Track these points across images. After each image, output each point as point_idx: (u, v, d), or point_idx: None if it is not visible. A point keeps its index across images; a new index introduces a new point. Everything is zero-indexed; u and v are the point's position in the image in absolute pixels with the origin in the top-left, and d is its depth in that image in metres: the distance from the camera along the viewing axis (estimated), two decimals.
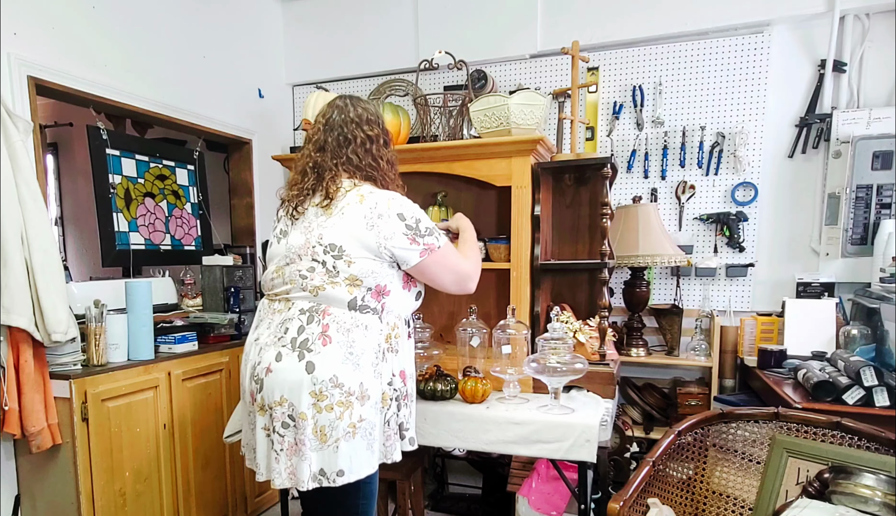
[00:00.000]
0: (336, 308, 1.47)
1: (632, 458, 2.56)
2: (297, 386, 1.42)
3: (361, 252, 1.46)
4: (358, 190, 1.52)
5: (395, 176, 1.65)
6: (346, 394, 1.43)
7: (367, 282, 1.48)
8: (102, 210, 2.60)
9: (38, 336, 1.89)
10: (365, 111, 1.59)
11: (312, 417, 1.42)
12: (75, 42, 2.29)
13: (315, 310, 1.48)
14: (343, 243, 1.46)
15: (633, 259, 2.52)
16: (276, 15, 3.42)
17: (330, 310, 1.47)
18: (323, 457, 1.43)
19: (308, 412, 1.42)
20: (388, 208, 1.48)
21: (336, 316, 1.46)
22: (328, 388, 1.42)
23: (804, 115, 2.58)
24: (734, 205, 2.70)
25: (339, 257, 1.46)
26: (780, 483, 1.56)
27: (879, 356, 2.12)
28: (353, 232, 1.46)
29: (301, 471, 1.42)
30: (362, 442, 1.45)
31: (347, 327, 1.46)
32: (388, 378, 1.53)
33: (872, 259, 2.37)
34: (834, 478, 1.40)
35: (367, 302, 1.49)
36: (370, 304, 1.49)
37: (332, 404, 1.42)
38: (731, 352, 2.61)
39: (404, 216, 1.49)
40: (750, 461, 1.69)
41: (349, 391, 1.44)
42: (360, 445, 1.45)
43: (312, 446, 1.42)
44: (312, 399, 1.42)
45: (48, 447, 1.91)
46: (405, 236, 1.48)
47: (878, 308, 2.18)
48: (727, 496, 1.68)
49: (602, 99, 2.88)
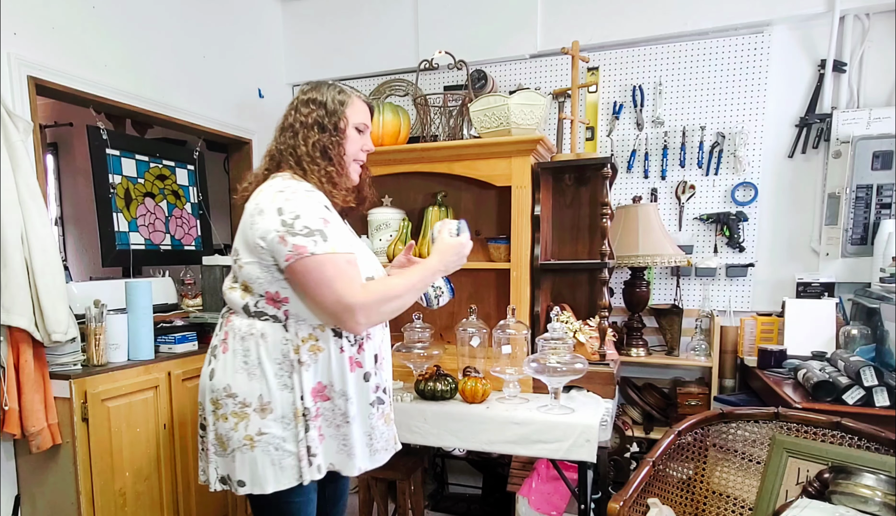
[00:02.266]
0: (235, 314, 1.40)
1: (632, 458, 2.56)
2: (203, 392, 1.43)
3: (247, 255, 1.36)
4: (268, 182, 1.40)
5: (327, 165, 1.41)
6: (241, 405, 1.35)
7: (255, 287, 1.36)
8: (102, 210, 2.60)
9: (38, 336, 1.89)
10: (312, 92, 1.44)
11: (213, 424, 1.40)
12: (75, 42, 2.29)
13: (223, 315, 1.45)
14: (236, 244, 1.40)
15: (633, 259, 2.52)
16: (276, 15, 3.42)
17: (231, 316, 1.41)
18: (224, 464, 1.40)
19: (209, 419, 1.40)
20: (271, 203, 1.31)
21: (234, 322, 1.39)
22: (222, 397, 1.37)
23: (804, 115, 2.58)
24: (734, 205, 2.70)
25: (235, 260, 1.40)
26: (780, 483, 1.56)
27: (879, 356, 2.12)
28: (241, 231, 1.38)
29: (210, 473, 1.43)
30: (264, 457, 1.35)
31: (242, 335, 1.36)
32: (300, 392, 1.35)
33: (872, 259, 2.37)
34: (834, 478, 1.40)
35: (264, 308, 1.36)
36: (267, 311, 1.36)
37: (226, 414, 1.37)
38: (731, 352, 2.61)
39: (283, 211, 1.29)
40: (750, 461, 1.69)
41: (244, 402, 1.35)
42: (263, 460, 1.35)
43: (216, 451, 1.41)
44: (212, 406, 1.39)
45: (48, 447, 1.91)
46: (277, 233, 1.28)
47: (878, 308, 2.18)
48: (727, 496, 1.68)
49: (602, 99, 2.88)
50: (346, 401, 1.39)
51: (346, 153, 1.45)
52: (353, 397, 1.39)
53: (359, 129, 1.48)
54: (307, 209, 1.30)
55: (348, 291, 1.28)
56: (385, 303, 1.35)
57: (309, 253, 1.26)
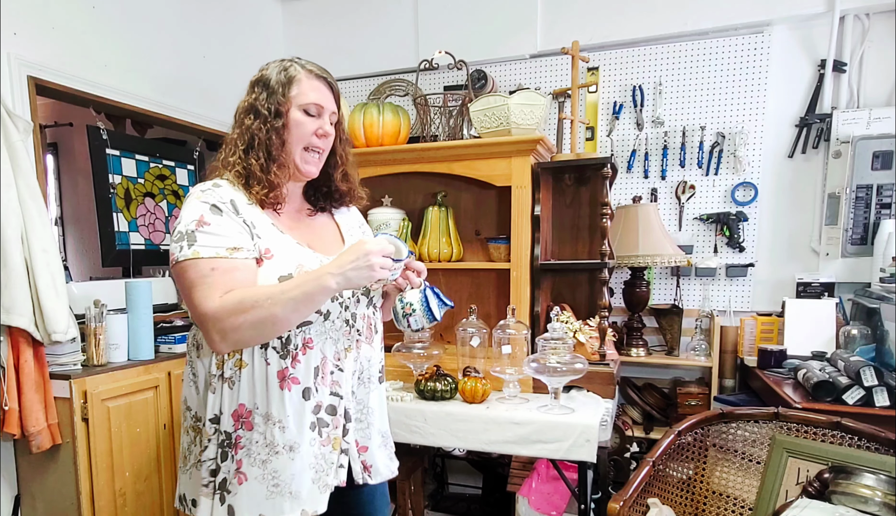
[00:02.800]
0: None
1: (632, 458, 2.56)
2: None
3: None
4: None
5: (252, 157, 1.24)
6: (195, 419, 1.27)
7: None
8: (102, 210, 2.60)
9: (38, 336, 1.89)
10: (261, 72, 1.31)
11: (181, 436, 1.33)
12: (75, 42, 2.29)
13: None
14: None
15: (633, 259, 2.52)
16: (276, 15, 3.42)
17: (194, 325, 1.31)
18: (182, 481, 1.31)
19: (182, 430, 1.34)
20: (183, 205, 1.23)
21: (192, 331, 1.33)
22: (183, 409, 1.31)
23: (804, 115, 2.58)
24: (734, 205, 2.70)
25: None
26: (780, 483, 1.56)
27: (879, 356, 2.12)
28: None
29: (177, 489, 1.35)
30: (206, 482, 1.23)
31: (190, 344, 1.32)
32: (214, 413, 1.21)
33: (872, 259, 2.37)
34: (834, 478, 1.40)
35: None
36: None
37: (186, 427, 1.30)
38: (731, 352, 2.61)
39: (182, 214, 1.20)
40: (750, 461, 1.69)
41: (197, 416, 1.27)
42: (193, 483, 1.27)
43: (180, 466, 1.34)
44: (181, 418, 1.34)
45: (48, 447, 1.91)
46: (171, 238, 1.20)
47: (878, 308, 2.18)
48: (727, 496, 1.68)
49: (602, 99, 2.88)
50: (274, 427, 1.18)
51: (286, 141, 1.25)
52: (285, 421, 1.18)
53: (308, 112, 1.25)
54: (186, 212, 1.18)
55: (203, 299, 1.13)
56: (239, 314, 1.11)
57: (175, 259, 1.16)
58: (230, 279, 1.15)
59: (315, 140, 1.27)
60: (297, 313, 1.15)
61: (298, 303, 1.13)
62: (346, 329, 1.28)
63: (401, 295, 1.35)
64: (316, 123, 1.27)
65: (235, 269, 1.16)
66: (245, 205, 1.22)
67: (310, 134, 1.26)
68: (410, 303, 1.34)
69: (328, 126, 1.29)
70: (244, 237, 1.19)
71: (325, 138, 1.29)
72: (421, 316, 1.34)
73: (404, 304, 1.34)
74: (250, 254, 1.18)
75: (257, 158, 1.23)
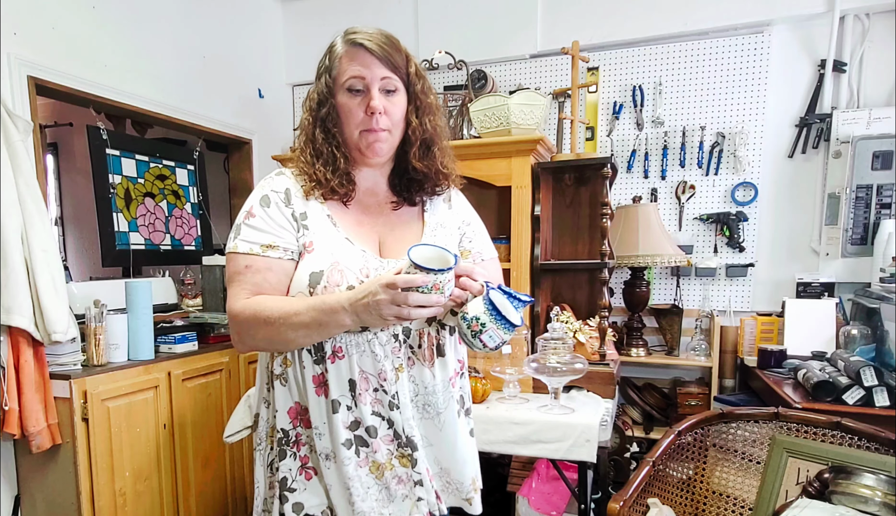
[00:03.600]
0: None
1: (632, 458, 2.56)
2: None
3: None
4: None
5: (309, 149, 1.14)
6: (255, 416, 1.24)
7: None
8: (102, 210, 2.60)
9: (38, 336, 1.89)
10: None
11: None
12: (75, 42, 2.28)
13: None
14: None
15: (633, 259, 2.52)
16: (276, 15, 3.42)
17: None
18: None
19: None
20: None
21: None
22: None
23: (804, 115, 2.58)
24: (734, 205, 2.70)
25: None
26: (780, 483, 1.56)
27: (879, 356, 2.12)
28: None
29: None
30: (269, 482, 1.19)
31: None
32: (275, 410, 1.15)
33: (872, 259, 2.37)
34: (834, 478, 1.40)
35: None
36: None
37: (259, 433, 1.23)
38: (731, 352, 2.61)
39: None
40: (750, 461, 1.69)
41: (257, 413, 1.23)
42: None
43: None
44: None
45: (48, 447, 1.91)
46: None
47: (878, 308, 2.18)
48: (727, 496, 1.68)
49: (602, 99, 2.88)
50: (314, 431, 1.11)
51: (343, 128, 1.11)
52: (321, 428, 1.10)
53: (352, 89, 1.08)
54: (256, 198, 1.12)
55: (232, 297, 1.09)
56: (253, 326, 1.05)
57: (229, 250, 1.11)
58: (261, 280, 1.08)
59: (367, 119, 1.08)
60: (310, 338, 1.05)
61: (311, 330, 1.02)
62: (394, 345, 1.09)
63: (462, 311, 1.03)
64: (361, 101, 1.08)
65: (268, 270, 1.08)
66: (300, 197, 1.12)
67: (358, 115, 1.08)
68: (476, 318, 1.01)
69: (377, 100, 1.07)
70: (285, 233, 1.09)
71: (375, 115, 1.07)
72: (495, 328, 1.00)
73: (469, 321, 1.01)
74: (287, 252, 1.09)
75: (316, 148, 1.12)
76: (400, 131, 1.13)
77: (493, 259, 1.33)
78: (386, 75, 1.08)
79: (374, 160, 1.13)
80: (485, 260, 1.29)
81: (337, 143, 1.11)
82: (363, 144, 1.10)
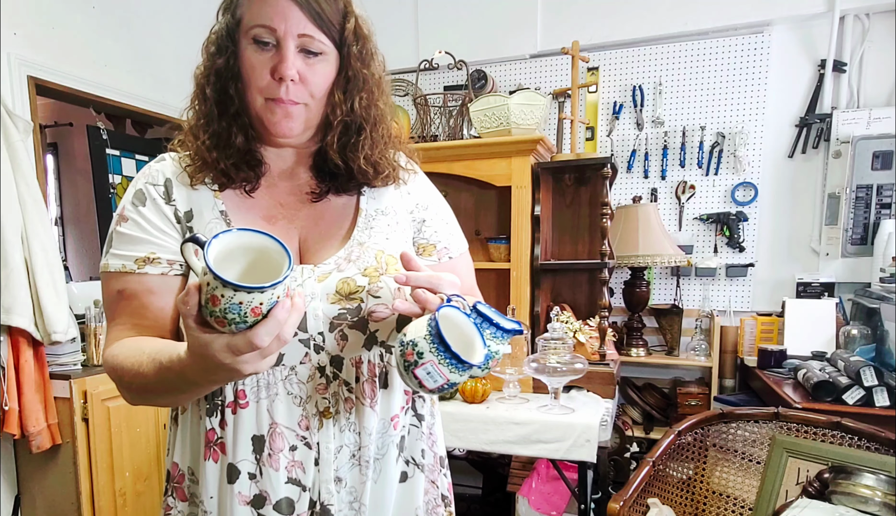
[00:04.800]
0: None
1: (632, 458, 2.56)
2: None
3: None
4: None
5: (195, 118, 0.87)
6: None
7: None
8: (102, 210, 2.60)
9: (38, 336, 1.89)
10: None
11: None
12: (75, 42, 2.29)
13: None
14: None
15: (633, 259, 2.52)
16: None
17: None
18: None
19: None
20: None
21: None
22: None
23: (804, 115, 2.58)
24: (734, 205, 2.70)
25: None
26: (780, 483, 1.56)
27: (879, 356, 2.12)
28: None
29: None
30: None
31: None
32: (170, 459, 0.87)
33: (872, 259, 2.37)
34: (834, 478, 1.40)
35: None
36: None
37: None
38: (731, 352, 2.61)
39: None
40: (750, 461, 1.69)
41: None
42: None
43: None
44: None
45: (48, 447, 1.91)
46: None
47: (878, 308, 2.18)
48: (727, 496, 1.68)
49: (602, 99, 2.88)
50: (197, 508, 0.82)
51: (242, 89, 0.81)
52: (207, 504, 0.81)
53: (258, 40, 0.78)
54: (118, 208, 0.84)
55: (106, 339, 0.82)
56: (118, 382, 0.78)
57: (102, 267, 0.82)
58: (139, 308, 0.79)
59: (272, 86, 0.78)
60: (175, 398, 0.78)
61: (172, 394, 0.74)
62: (319, 382, 0.81)
63: (403, 331, 0.72)
64: (269, 58, 0.77)
65: (148, 293, 0.78)
66: (184, 187, 0.83)
67: (263, 77, 0.78)
68: (413, 343, 0.70)
69: (290, 62, 0.76)
70: (167, 239, 0.80)
71: (286, 82, 0.77)
72: (435, 363, 0.68)
73: (404, 346, 0.70)
74: (174, 266, 0.80)
75: (207, 120, 0.84)
76: (322, 105, 0.83)
77: (464, 254, 1.01)
78: (307, 32, 0.77)
79: (282, 140, 0.83)
80: (453, 257, 0.97)
81: (236, 111, 0.82)
82: (267, 117, 0.80)
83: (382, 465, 0.86)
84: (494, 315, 0.75)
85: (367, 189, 0.91)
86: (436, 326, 0.68)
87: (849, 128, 2.44)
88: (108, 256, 0.80)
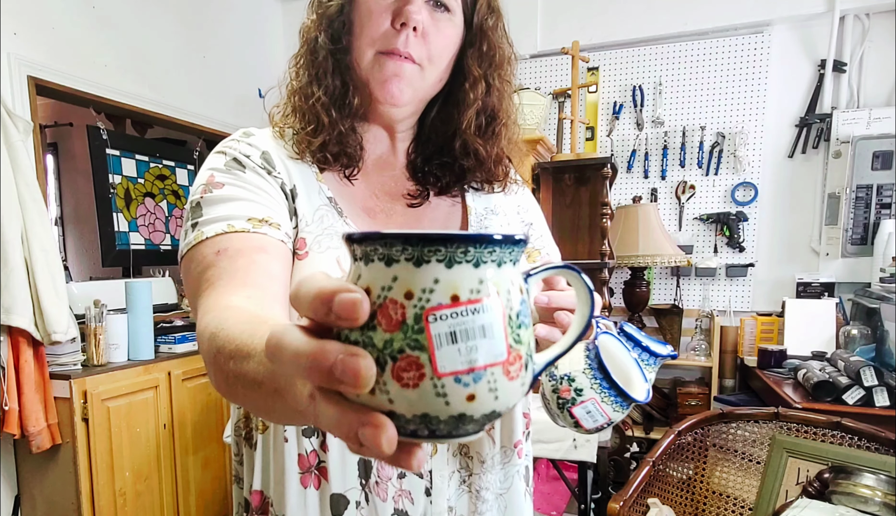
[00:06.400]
0: None
1: (632, 458, 2.56)
2: None
3: None
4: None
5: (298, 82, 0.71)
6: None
7: None
8: (102, 210, 2.60)
9: (38, 336, 1.89)
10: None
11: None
12: (75, 42, 2.28)
13: None
14: None
15: (633, 259, 2.52)
16: (276, 15, 3.42)
17: None
18: None
19: None
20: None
21: None
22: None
23: (804, 115, 2.58)
24: (734, 205, 2.70)
25: None
26: (780, 483, 1.56)
27: (879, 356, 2.12)
28: None
29: None
30: None
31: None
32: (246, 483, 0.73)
33: (872, 259, 2.37)
34: (834, 478, 1.40)
35: None
36: None
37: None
38: (731, 352, 2.61)
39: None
40: (750, 461, 1.69)
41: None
42: None
43: None
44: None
45: (48, 447, 1.91)
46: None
47: (878, 308, 2.18)
48: (727, 496, 1.68)
49: (602, 99, 2.88)
50: None
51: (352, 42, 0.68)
52: None
53: None
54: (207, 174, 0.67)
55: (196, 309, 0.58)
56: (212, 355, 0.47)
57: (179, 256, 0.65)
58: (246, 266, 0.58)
59: (389, 35, 0.65)
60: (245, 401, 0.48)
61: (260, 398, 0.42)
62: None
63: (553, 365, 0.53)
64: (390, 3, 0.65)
65: (259, 250, 0.60)
66: (287, 160, 0.70)
67: (380, 23, 0.65)
68: (570, 378, 0.63)
69: (417, 5, 0.64)
70: (277, 207, 0.66)
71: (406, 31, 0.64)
72: (598, 401, 0.62)
73: (558, 381, 0.63)
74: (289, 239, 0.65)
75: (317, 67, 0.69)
76: (438, 74, 0.69)
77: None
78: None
79: (387, 108, 0.69)
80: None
81: (347, 67, 0.69)
82: (374, 75, 0.66)
83: (508, 501, 0.76)
84: (644, 338, 0.67)
85: (471, 189, 0.79)
86: (597, 358, 0.60)
87: (849, 128, 2.44)
88: (202, 224, 0.62)
